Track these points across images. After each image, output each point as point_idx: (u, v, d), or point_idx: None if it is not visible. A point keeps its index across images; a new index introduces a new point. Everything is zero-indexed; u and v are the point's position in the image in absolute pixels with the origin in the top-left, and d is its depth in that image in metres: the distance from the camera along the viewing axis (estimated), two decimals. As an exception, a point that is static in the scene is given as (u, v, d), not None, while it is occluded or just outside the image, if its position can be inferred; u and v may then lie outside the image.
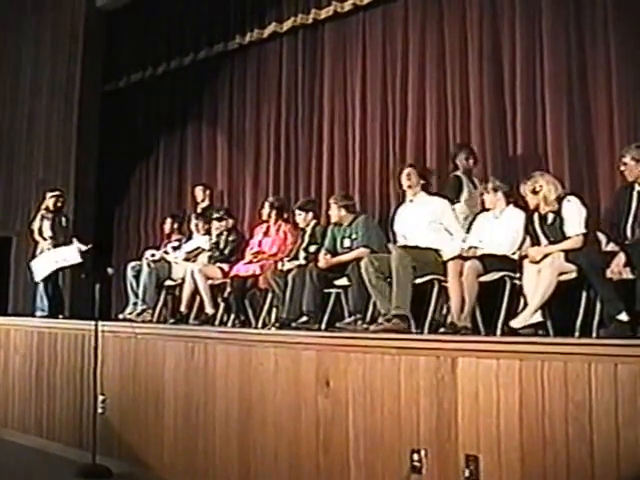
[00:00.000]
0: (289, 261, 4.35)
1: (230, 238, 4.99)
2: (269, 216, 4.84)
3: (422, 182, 3.88)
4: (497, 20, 4.41)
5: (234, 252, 4.90)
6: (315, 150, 5.34)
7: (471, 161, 4.14)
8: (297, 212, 4.58)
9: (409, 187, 3.89)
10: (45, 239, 5.62)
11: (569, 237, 3.21)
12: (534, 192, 3.30)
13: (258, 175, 5.72)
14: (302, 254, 4.35)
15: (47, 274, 5.44)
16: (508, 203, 3.65)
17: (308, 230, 4.49)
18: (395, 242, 3.90)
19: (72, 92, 6.64)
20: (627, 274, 2.94)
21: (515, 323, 3.11)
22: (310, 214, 4.54)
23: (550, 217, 3.29)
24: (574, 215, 3.22)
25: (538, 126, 4.14)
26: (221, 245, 5.03)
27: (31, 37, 6.83)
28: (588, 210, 3.29)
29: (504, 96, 4.33)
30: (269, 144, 5.66)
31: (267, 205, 4.90)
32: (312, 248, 4.35)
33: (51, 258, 5.41)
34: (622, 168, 3.20)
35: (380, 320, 3.50)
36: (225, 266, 4.84)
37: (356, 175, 5.04)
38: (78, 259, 5.24)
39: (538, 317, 3.11)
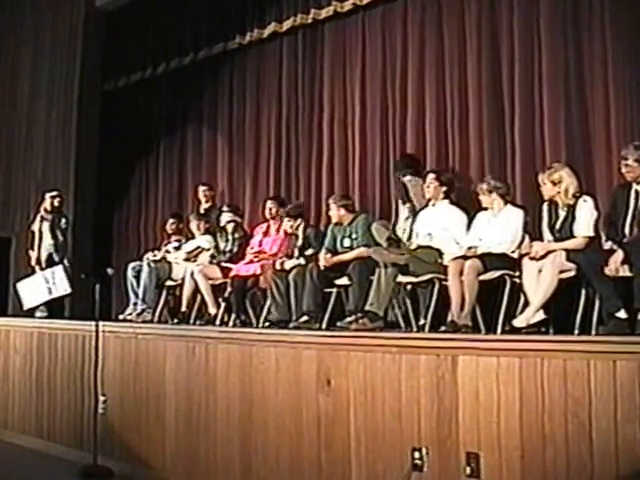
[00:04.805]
0: (289, 259, 4.35)
1: (237, 235, 5.00)
2: (271, 215, 4.85)
3: (444, 190, 3.90)
4: (495, 19, 4.42)
5: (240, 250, 4.91)
6: (315, 149, 5.35)
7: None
8: (285, 219, 4.58)
9: (430, 198, 3.95)
10: (40, 248, 5.60)
11: (575, 236, 3.21)
12: (553, 183, 3.29)
13: (258, 175, 5.73)
14: (300, 258, 4.35)
15: (38, 304, 5.40)
16: (506, 202, 3.67)
17: (300, 234, 4.49)
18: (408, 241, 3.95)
19: (71, 92, 6.64)
20: (625, 272, 2.96)
21: (518, 322, 3.11)
22: (298, 220, 4.54)
23: (563, 213, 3.29)
24: (586, 216, 3.22)
25: (536, 125, 4.16)
26: (227, 243, 5.03)
27: (30, 37, 6.83)
28: (599, 214, 3.28)
29: (502, 95, 4.34)
30: (269, 144, 5.66)
31: (269, 204, 4.92)
32: (309, 251, 4.36)
33: (41, 285, 5.35)
34: (624, 170, 3.20)
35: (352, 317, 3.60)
36: (230, 265, 4.84)
37: (356, 175, 5.05)
38: (68, 289, 5.23)
39: (541, 315, 3.12)
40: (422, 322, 3.70)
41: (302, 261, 4.26)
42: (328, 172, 5.24)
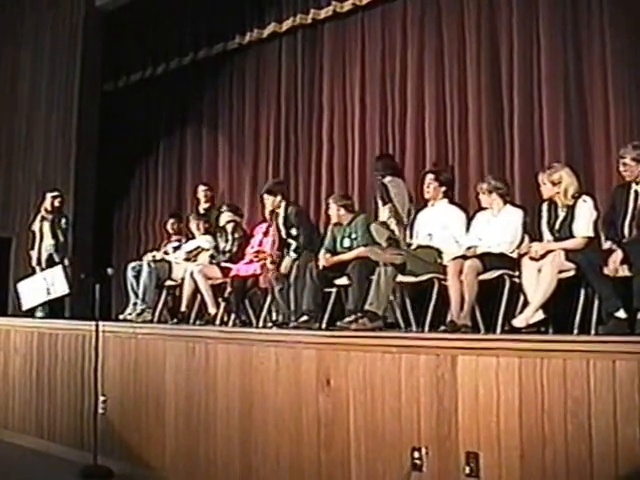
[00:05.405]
0: (280, 255, 4.31)
1: (236, 235, 5.01)
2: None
3: (443, 190, 3.90)
4: (495, 19, 4.43)
5: (239, 250, 4.91)
6: (314, 149, 5.36)
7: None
8: (265, 196, 4.52)
9: (429, 199, 3.95)
10: (41, 248, 5.61)
11: (574, 236, 3.21)
12: (553, 183, 3.29)
13: (257, 175, 5.73)
14: (292, 244, 4.26)
15: (36, 304, 5.41)
16: (505, 202, 3.68)
17: (281, 212, 4.43)
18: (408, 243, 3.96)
19: (71, 92, 6.65)
20: (624, 271, 2.96)
21: (517, 322, 3.12)
22: (279, 197, 4.47)
23: (563, 212, 3.29)
24: (585, 216, 3.22)
25: (535, 125, 4.16)
26: (227, 243, 5.03)
27: (30, 37, 6.84)
28: (598, 214, 3.29)
29: (502, 95, 4.35)
30: (268, 144, 5.67)
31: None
32: (294, 231, 4.31)
33: (40, 286, 5.37)
34: (622, 169, 3.21)
35: (352, 317, 3.63)
36: (229, 265, 4.84)
37: (355, 174, 5.06)
38: (66, 290, 5.24)
39: (540, 315, 3.12)
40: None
41: (293, 255, 4.20)
42: (328, 172, 5.25)
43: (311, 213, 5.25)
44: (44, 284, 5.35)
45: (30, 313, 5.58)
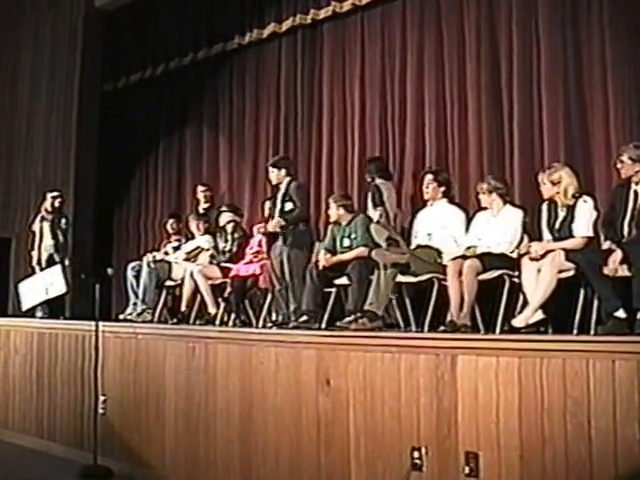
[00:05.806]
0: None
1: (236, 235, 5.01)
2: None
3: (442, 190, 3.91)
4: (494, 19, 4.43)
5: (239, 250, 4.91)
6: (314, 149, 5.37)
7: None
8: (270, 169, 4.51)
9: (428, 199, 3.96)
10: (41, 248, 5.62)
11: (574, 236, 3.21)
12: (553, 183, 3.30)
13: (257, 175, 5.74)
14: (277, 217, 4.23)
15: (35, 304, 5.42)
16: (505, 202, 3.68)
17: (282, 188, 4.41)
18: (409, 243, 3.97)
19: (71, 92, 6.66)
20: (623, 271, 2.97)
21: (517, 322, 3.12)
22: (283, 171, 4.44)
23: (563, 212, 3.30)
24: (585, 216, 3.22)
25: (535, 125, 4.17)
26: (227, 243, 5.04)
27: (30, 37, 6.85)
28: (599, 214, 3.29)
29: (501, 95, 4.35)
30: (268, 144, 5.68)
31: (268, 204, 4.92)
32: (288, 206, 4.28)
33: (39, 286, 5.36)
34: (618, 166, 3.23)
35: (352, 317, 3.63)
36: (229, 265, 4.84)
37: (355, 174, 5.07)
38: (64, 289, 5.24)
39: (540, 315, 3.12)
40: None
41: (282, 221, 4.18)
42: (328, 172, 5.25)
43: (311, 213, 5.25)
44: (43, 284, 5.35)
45: (30, 313, 5.58)
